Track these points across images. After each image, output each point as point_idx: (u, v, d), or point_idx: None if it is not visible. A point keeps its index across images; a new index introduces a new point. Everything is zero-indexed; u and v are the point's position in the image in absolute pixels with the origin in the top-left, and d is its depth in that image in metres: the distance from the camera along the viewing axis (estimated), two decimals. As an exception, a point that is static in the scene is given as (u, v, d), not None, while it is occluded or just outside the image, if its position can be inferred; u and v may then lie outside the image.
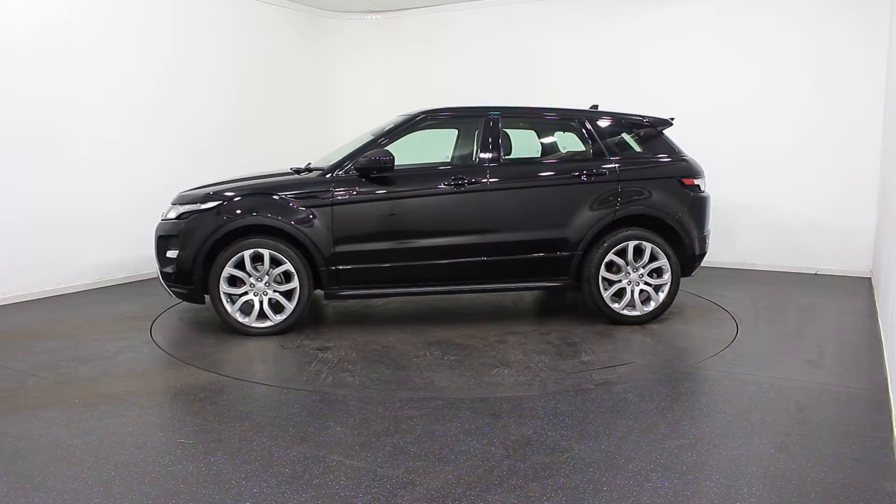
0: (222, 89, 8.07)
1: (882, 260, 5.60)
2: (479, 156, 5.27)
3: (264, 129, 8.67)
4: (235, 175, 5.81)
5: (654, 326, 5.24)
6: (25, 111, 6.14)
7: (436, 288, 5.20)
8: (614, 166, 5.31)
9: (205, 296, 5.01)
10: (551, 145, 5.87)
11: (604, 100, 6.55)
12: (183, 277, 4.94)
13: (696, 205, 5.37)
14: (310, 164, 5.53)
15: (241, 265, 4.91)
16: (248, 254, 4.89)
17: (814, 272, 7.44)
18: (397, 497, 2.67)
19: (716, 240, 6.27)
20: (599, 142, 5.41)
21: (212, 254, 4.91)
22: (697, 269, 5.53)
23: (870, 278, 7.07)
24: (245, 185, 5.15)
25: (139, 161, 7.15)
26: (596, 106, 5.90)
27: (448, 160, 5.69)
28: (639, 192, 5.27)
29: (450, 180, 5.11)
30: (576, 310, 5.86)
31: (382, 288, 5.14)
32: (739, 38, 7.57)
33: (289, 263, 4.92)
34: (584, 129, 5.45)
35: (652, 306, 5.27)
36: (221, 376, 4.15)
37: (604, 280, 5.20)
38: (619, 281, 5.23)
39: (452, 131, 5.91)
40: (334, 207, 4.99)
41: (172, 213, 5.11)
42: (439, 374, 4.18)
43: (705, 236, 5.46)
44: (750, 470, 2.90)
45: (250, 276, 4.94)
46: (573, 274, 5.23)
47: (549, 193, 5.24)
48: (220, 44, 8.02)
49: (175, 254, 4.94)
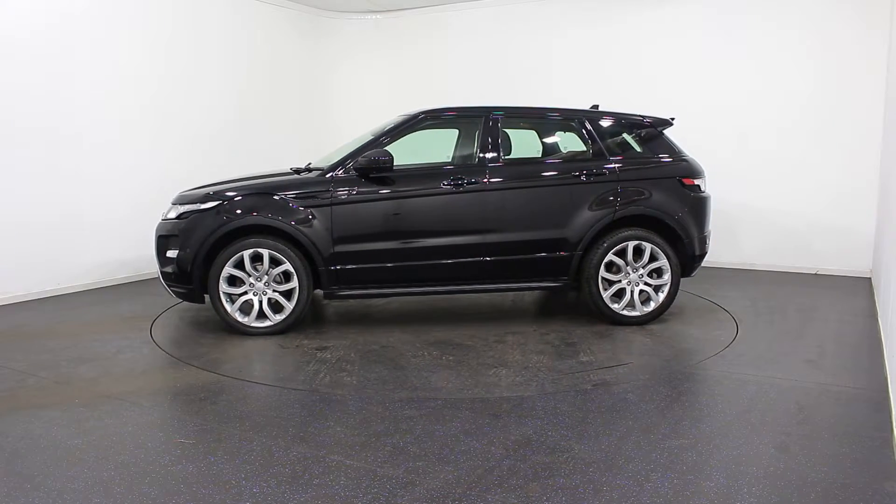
0: (222, 89, 8.07)
1: (882, 260, 5.60)
2: (479, 156, 5.27)
3: (264, 129, 8.67)
4: (235, 175, 5.82)
5: (654, 327, 5.24)
6: (25, 111, 6.14)
7: (435, 288, 5.20)
8: (614, 166, 5.30)
9: (204, 295, 5.01)
10: (552, 145, 5.87)
11: (604, 100, 6.56)
12: (183, 277, 4.95)
13: (697, 205, 5.37)
14: (310, 164, 5.54)
15: (240, 265, 4.92)
16: (247, 253, 4.90)
17: (814, 272, 7.44)
18: (397, 497, 2.67)
19: (716, 240, 6.27)
20: (600, 142, 5.41)
21: (212, 253, 4.92)
22: (698, 270, 5.53)
23: (870, 278, 7.07)
24: (245, 185, 5.16)
25: (139, 161, 7.16)
26: (596, 106, 5.90)
27: (448, 160, 5.69)
28: (639, 193, 5.27)
29: (450, 180, 5.12)
30: (575, 310, 5.86)
31: (382, 288, 5.14)
32: (739, 38, 7.57)
33: (288, 263, 4.92)
34: (584, 129, 5.45)
35: (652, 307, 5.26)
36: (221, 376, 4.15)
37: (603, 280, 5.20)
38: (619, 281, 5.23)
39: (453, 131, 5.91)
40: (334, 207, 5.00)
41: (172, 213, 5.12)
42: (439, 374, 4.18)
43: (705, 236, 5.45)
44: (750, 470, 2.90)
45: (250, 276, 4.94)
46: (573, 274, 5.23)
47: (549, 193, 5.24)
48: (220, 44, 8.02)
49: (175, 253, 4.95)
